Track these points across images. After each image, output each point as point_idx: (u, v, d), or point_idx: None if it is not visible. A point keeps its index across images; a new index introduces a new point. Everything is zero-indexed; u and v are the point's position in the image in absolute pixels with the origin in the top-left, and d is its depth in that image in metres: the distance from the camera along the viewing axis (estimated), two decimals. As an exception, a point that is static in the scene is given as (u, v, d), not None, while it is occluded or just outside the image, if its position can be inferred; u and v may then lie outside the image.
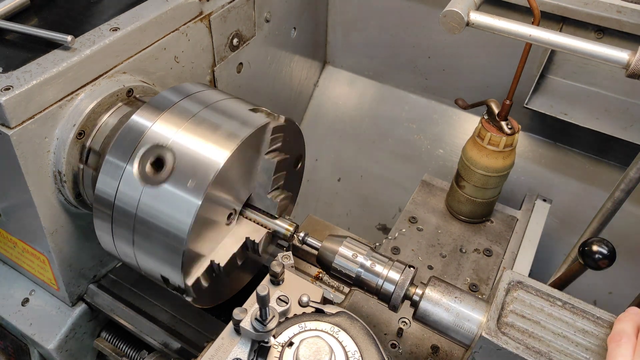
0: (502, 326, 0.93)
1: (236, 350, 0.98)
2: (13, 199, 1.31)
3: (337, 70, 2.67)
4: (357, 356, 0.97)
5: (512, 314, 0.95)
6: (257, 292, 0.92)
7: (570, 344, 0.91)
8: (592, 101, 2.03)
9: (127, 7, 1.40)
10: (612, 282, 2.11)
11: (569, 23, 1.92)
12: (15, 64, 1.18)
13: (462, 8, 1.24)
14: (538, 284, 0.99)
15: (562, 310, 0.95)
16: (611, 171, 2.15)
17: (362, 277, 1.10)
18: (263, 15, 1.92)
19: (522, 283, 0.99)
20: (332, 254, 1.13)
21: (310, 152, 2.55)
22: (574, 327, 0.93)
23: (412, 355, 1.34)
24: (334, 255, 1.12)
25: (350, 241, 1.14)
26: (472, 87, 2.33)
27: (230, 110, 1.19)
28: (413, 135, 2.50)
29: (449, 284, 1.07)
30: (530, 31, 1.21)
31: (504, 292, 0.97)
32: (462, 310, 1.02)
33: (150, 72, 1.43)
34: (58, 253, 1.38)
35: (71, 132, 1.23)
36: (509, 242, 1.67)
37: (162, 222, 1.06)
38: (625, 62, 1.13)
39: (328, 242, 1.15)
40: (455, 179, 1.70)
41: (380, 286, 1.09)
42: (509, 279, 0.99)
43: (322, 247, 1.15)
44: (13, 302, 1.55)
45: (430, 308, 1.04)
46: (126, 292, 1.55)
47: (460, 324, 1.01)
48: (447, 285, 1.07)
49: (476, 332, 0.99)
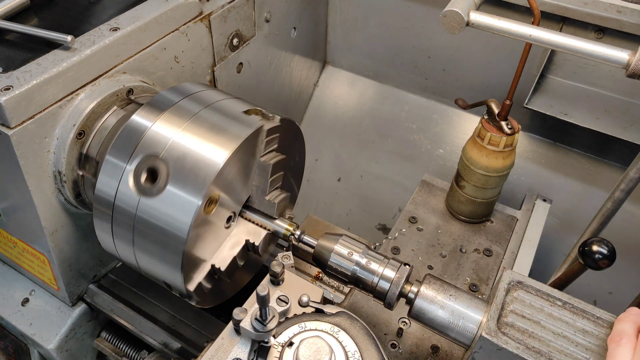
0: (502, 326, 0.93)
1: (236, 350, 0.98)
2: (13, 199, 1.31)
3: (337, 70, 2.67)
4: (357, 356, 0.97)
5: (512, 314, 0.95)
6: (257, 292, 0.92)
7: (570, 344, 0.91)
8: (592, 101, 2.03)
9: (127, 7, 1.40)
10: (612, 282, 2.11)
11: (569, 23, 1.92)
12: (15, 64, 1.18)
13: (462, 8, 1.24)
14: (538, 284, 0.99)
15: (562, 310, 0.95)
16: (611, 171, 2.15)
17: (358, 274, 1.10)
18: (263, 15, 1.92)
19: (522, 283, 0.99)
20: (328, 252, 1.13)
21: (310, 152, 2.56)
22: (574, 327, 0.93)
23: (412, 355, 1.34)
24: (329, 253, 1.13)
25: (346, 239, 1.14)
26: (472, 87, 2.33)
27: (231, 110, 1.19)
28: (413, 135, 2.50)
29: (445, 281, 1.08)
30: (530, 31, 1.21)
31: (504, 292, 0.97)
32: (457, 308, 1.02)
33: (150, 72, 1.43)
34: (58, 253, 1.38)
35: (71, 132, 1.23)
36: (509, 242, 1.67)
37: (162, 222, 1.06)
38: (625, 62, 1.13)
39: (324, 240, 1.15)
40: (455, 179, 1.70)
41: (376, 284, 1.09)
42: (509, 279, 0.99)
43: (318, 245, 1.15)
44: (13, 302, 1.55)
45: (425, 306, 1.04)
46: (126, 292, 1.55)
47: (456, 321, 1.01)
48: (442, 283, 1.07)
49: (476, 332, 0.99)
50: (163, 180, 1.06)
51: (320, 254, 1.14)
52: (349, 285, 1.13)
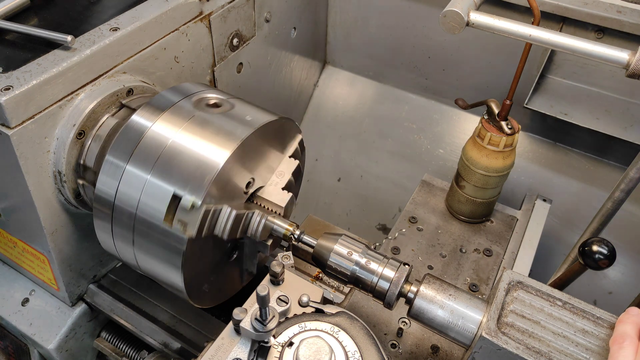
0: (502, 326, 0.93)
1: (236, 350, 0.98)
2: (13, 199, 1.31)
3: (337, 70, 2.67)
4: (357, 356, 0.97)
5: (512, 314, 0.95)
6: (257, 292, 0.92)
7: (571, 344, 0.91)
8: (592, 101, 2.03)
9: (127, 7, 1.40)
10: (612, 282, 2.11)
11: (569, 23, 1.92)
12: (15, 64, 1.18)
13: (462, 8, 1.24)
14: (538, 283, 0.99)
15: (562, 310, 0.95)
16: (611, 171, 2.15)
17: (357, 274, 1.10)
18: (263, 15, 1.92)
19: (522, 283, 0.99)
20: (327, 252, 1.13)
21: (310, 152, 2.56)
22: (574, 327, 0.93)
23: (412, 355, 1.34)
24: (329, 253, 1.12)
25: (346, 239, 1.14)
26: (472, 87, 2.33)
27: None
28: (413, 135, 2.50)
29: (444, 281, 1.07)
30: (530, 31, 1.21)
31: (504, 292, 0.97)
32: (456, 308, 1.02)
33: (150, 72, 1.43)
34: (58, 253, 1.38)
35: (71, 132, 1.23)
36: (509, 242, 1.67)
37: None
38: (625, 62, 1.13)
39: (323, 239, 1.15)
40: (455, 179, 1.70)
41: (375, 284, 1.09)
42: (509, 279, 0.99)
43: (318, 245, 1.15)
44: (13, 302, 1.55)
45: (424, 305, 1.04)
46: (126, 292, 1.55)
47: (455, 321, 1.01)
48: (441, 283, 1.07)
49: (476, 332, 0.99)
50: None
51: (320, 254, 1.14)
52: (349, 285, 1.13)
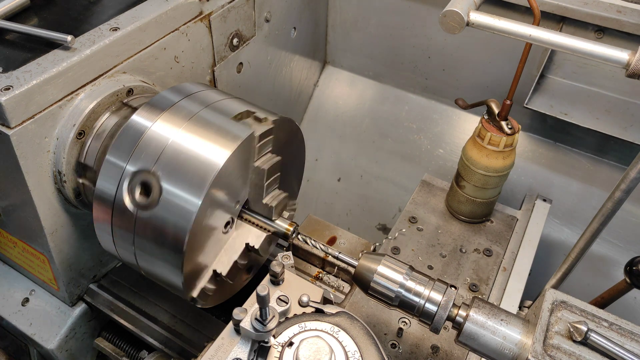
0: (548, 348, 0.89)
1: (236, 350, 0.98)
2: (13, 198, 1.31)
3: (337, 70, 2.67)
4: (357, 356, 0.97)
5: (557, 335, 0.91)
6: (257, 292, 0.92)
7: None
8: (592, 101, 2.03)
9: (127, 7, 1.40)
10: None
11: (568, 23, 1.92)
12: (15, 64, 1.18)
13: (462, 8, 1.23)
14: (582, 303, 0.94)
15: (610, 332, 0.90)
16: (611, 171, 2.15)
17: (403, 296, 1.06)
18: (263, 15, 1.92)
19: (566, 303, 0.95)
20: (370, 273, 1.09)
21: (310, 152, 2.56)
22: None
23: (412, 355, 1.34)
24: (372, 274, 1.09)
25: (389, 259, 1.11)
26: (472, 87, 2.33)
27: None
28: (413, 135, 2.50)
29: (493, 305, 1.03)
30: (530, 31, 1.21)
31: (548, 313, 0.93)
32: (509, 334, 0.97)
33: (150, 72, 1.43)
34: (58, 253, 1.38)
35: (71, 132, 1.23)
36: (509, 242, 1.67)
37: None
38: (625, 62, 1.13)
39: (365, 260, 1.11)
40: (455, 179, 1.70)
41: (422, 307, 1.05)
42: (552, 299, 0.95)
43: (359, 266, 1.11)
44: (13, 302, 1.55)
45: (475, 330, 1.00)
46: (126, 292, 1.55)
47: (507, 347, 0.96)
48: (491, 307, 1.02)
49: (518, 354, 0.95)
50: (157, 193, 1.06)
51: (362, 275, 1.10)
52: (392, 307, 1.10)
